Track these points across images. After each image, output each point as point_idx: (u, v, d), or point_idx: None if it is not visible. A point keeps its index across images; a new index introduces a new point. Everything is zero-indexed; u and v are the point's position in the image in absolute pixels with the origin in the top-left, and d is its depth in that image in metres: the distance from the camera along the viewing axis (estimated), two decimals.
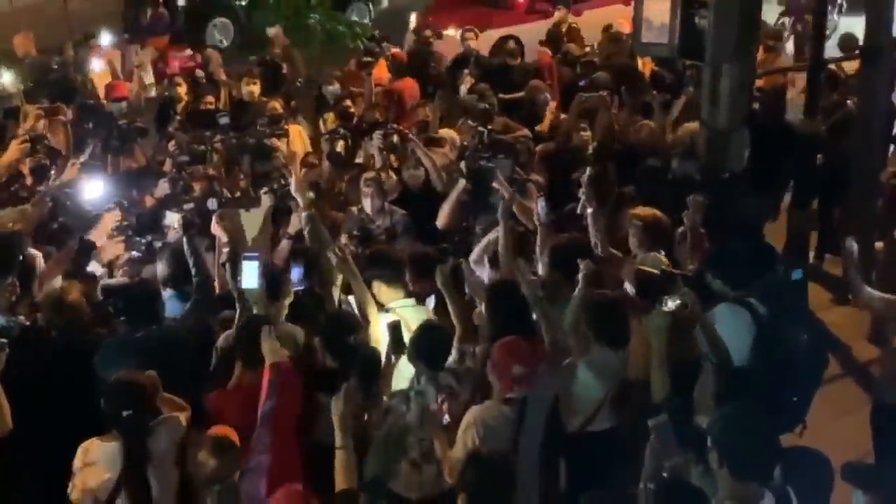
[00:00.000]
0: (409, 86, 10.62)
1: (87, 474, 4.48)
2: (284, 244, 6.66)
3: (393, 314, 5.49)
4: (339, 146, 8.44)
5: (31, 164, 7.77)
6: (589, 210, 6.03)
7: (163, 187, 7.68)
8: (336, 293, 5.90)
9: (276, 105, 9.65)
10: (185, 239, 5.99)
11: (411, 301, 5.75)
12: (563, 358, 5.02)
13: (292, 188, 6.67)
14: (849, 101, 9.08)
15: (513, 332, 5.03)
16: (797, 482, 4.08)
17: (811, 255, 9.15)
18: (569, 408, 4.88)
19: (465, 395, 5.08)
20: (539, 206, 6.07)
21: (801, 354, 5.08)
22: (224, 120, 9.02)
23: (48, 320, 5.50)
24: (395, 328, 5.09)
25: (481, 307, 5.52)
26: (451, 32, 12.16)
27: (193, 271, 5.90)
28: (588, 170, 6.43)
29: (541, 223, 6.05)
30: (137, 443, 4.49)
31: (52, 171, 7.62)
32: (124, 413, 4.44)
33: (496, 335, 5.09)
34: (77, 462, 4.52)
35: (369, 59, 10.96)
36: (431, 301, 5.86)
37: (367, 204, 7.17)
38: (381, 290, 5.72)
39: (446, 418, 4.90)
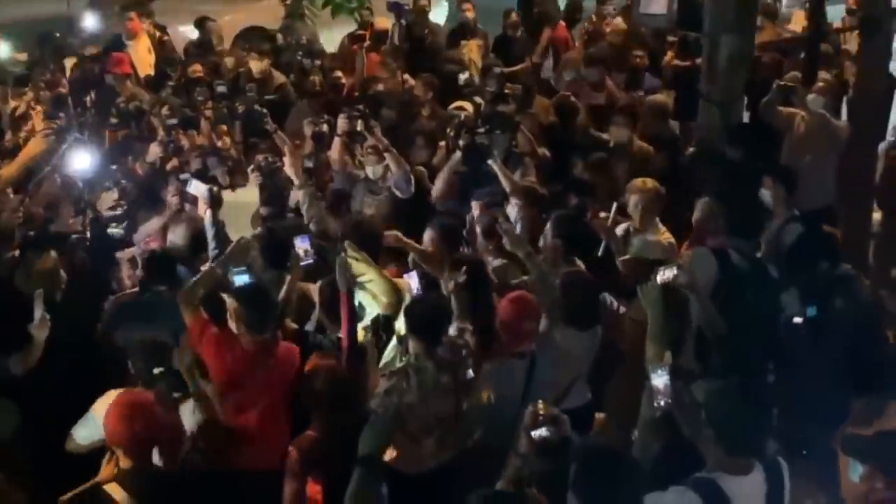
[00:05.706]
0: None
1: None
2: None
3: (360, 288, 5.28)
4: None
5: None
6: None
7: (154, 151, 7.65)
8: None
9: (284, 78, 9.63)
10: (209, 213, 5.99)
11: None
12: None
13: (286, 165, 6.77)
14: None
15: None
16: (792, 455, 4.09)
17: None
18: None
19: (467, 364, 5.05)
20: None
21: (778, 321, 5.10)
22: (221, 89, 8.96)
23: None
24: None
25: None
26: None
27: (213, 244, 5.99)
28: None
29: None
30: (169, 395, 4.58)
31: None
32: (155, 371, 4.57)
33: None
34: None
35: (362, 32, 10.82)
36: (413, 275, 5.76)
37: (370, 170, 7.26)
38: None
39: (470, 373, 4.90)
